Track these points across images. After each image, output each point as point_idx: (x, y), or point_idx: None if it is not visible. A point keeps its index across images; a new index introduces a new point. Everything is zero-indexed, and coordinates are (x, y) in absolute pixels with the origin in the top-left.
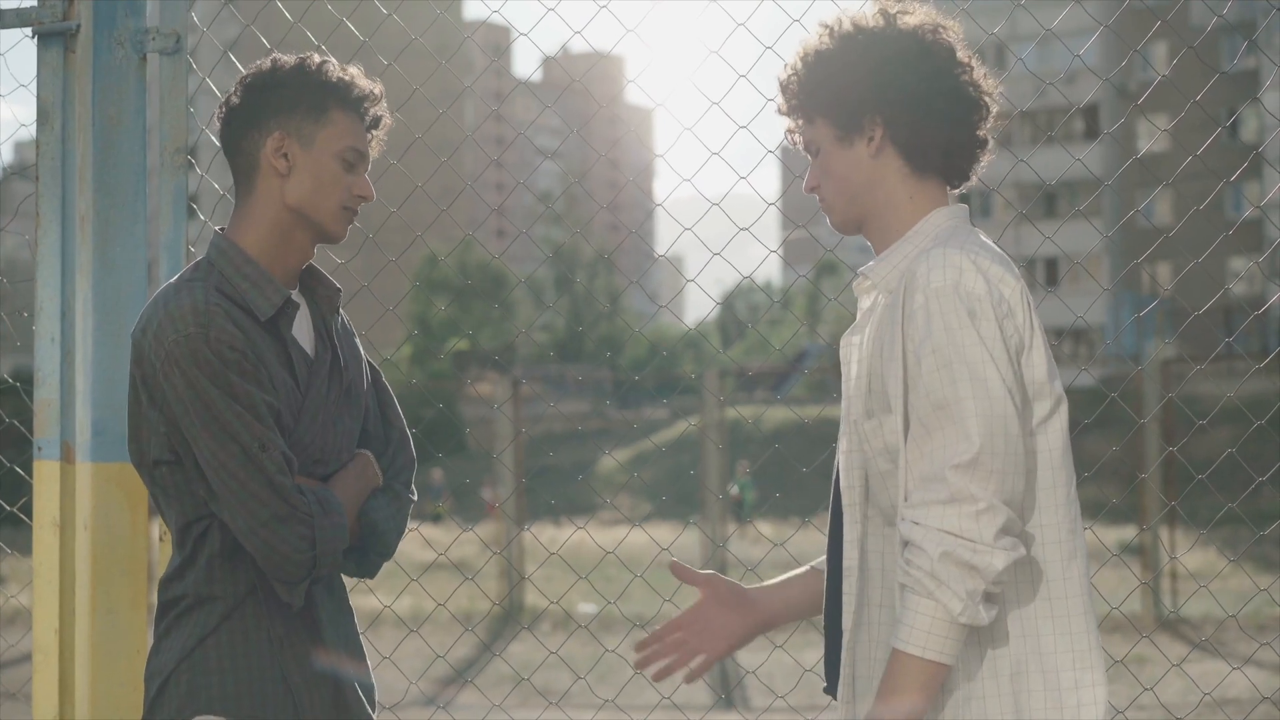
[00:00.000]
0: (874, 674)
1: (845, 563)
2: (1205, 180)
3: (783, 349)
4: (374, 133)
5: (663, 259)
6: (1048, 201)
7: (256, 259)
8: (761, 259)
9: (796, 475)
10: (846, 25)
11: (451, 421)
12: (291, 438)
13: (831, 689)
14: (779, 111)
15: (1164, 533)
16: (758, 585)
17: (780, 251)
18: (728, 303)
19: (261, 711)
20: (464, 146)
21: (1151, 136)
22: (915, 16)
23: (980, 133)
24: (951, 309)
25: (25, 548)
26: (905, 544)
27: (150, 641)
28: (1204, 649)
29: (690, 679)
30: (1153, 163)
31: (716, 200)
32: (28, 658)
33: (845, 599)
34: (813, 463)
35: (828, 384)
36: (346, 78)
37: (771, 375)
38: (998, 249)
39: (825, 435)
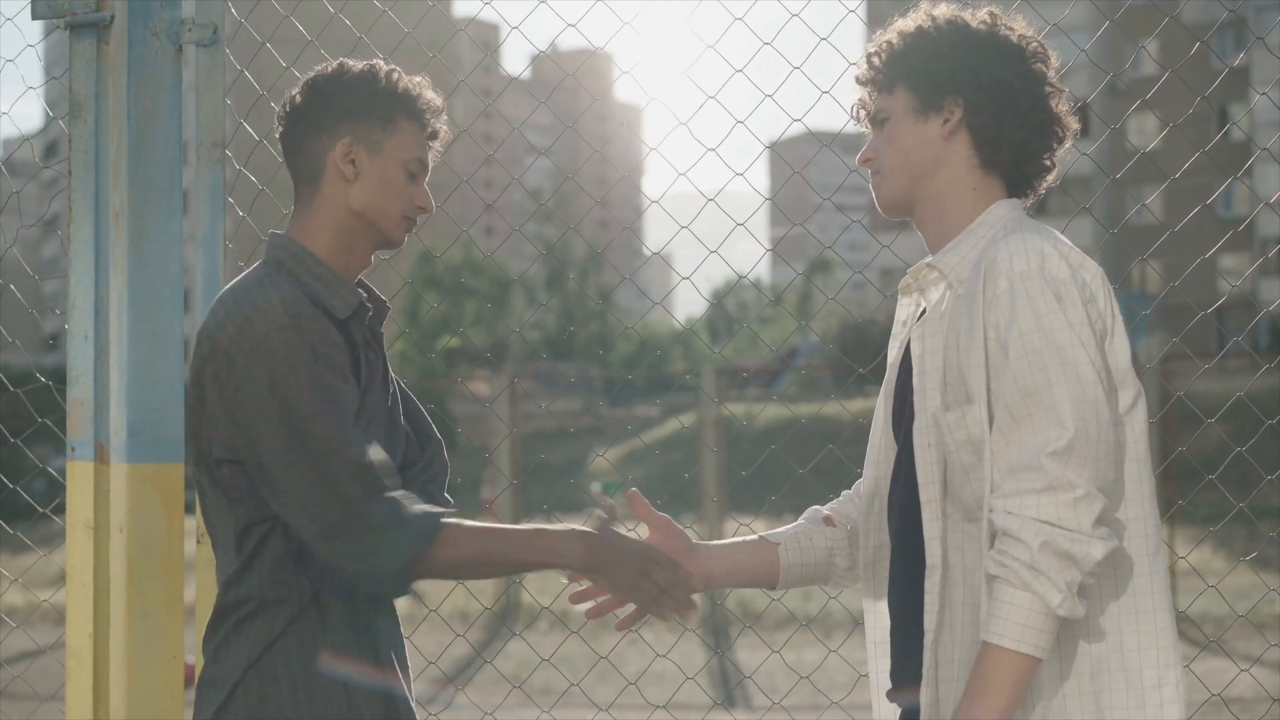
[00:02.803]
0: (957, 675)
1: (929, 561)
2: (1196, 177)
3: (776, 346)
4: (433, 144)
5: (655, 256)
6: (1038, 199)
7: (325, 261)
8: (754, 255)
9: (790, 474)
10: (952, 13)
11: (444, 419)
12: None
13: (897, 692)
14: (857, 81)
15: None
16: (706, 543)
17: (772, 248)
18: (718, 300)
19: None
20: (453, 143)
21: (1141, 133)
22: (1020, 29)
23: (1050, 155)
24: (1039, 293)
25: (18, 545)
26: (999, 534)
27: (185, 644)
28: (1201, 645)
29: (621, 626)
30: (1145, 160)
31: (709, 196)
32: (23, 656)
33: (928, 598)
34: (806, 462)
35: (820, 382)
36: (415, 89)
37: (764, 373)
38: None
39: (818, 434)
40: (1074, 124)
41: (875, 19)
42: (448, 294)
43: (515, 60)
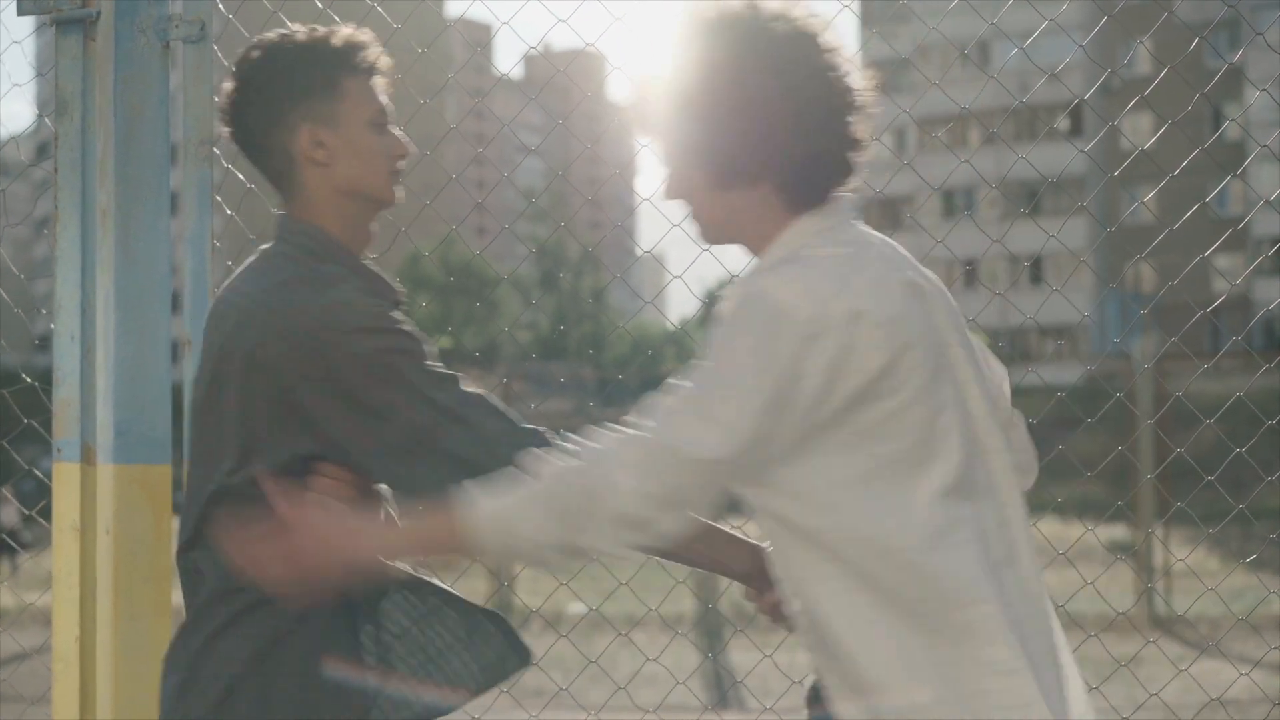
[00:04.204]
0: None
1: None
2: (1189, 176)
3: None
4: (380, 79)
5: (646, 255)
6: (1032, 199)
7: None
8: (747, 255)
9: None
10: (758, 63)
11: None
12: None
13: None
14: (632, 109)
15: (1158, 530)
16: None
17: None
18: (711, 300)
19: None
20: (444, 143)
21: (1135, 133)
22: (827, 36)
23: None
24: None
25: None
26: None
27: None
28: (1199, 647)
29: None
30: (1138, 159)
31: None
32: (13, 658)
33: None
34: None
35: None
36: (342, 40)
37: None
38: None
39: None
40: (868, 135)
41: (869, 16)
42: (439, 294)
43: (507, 59)
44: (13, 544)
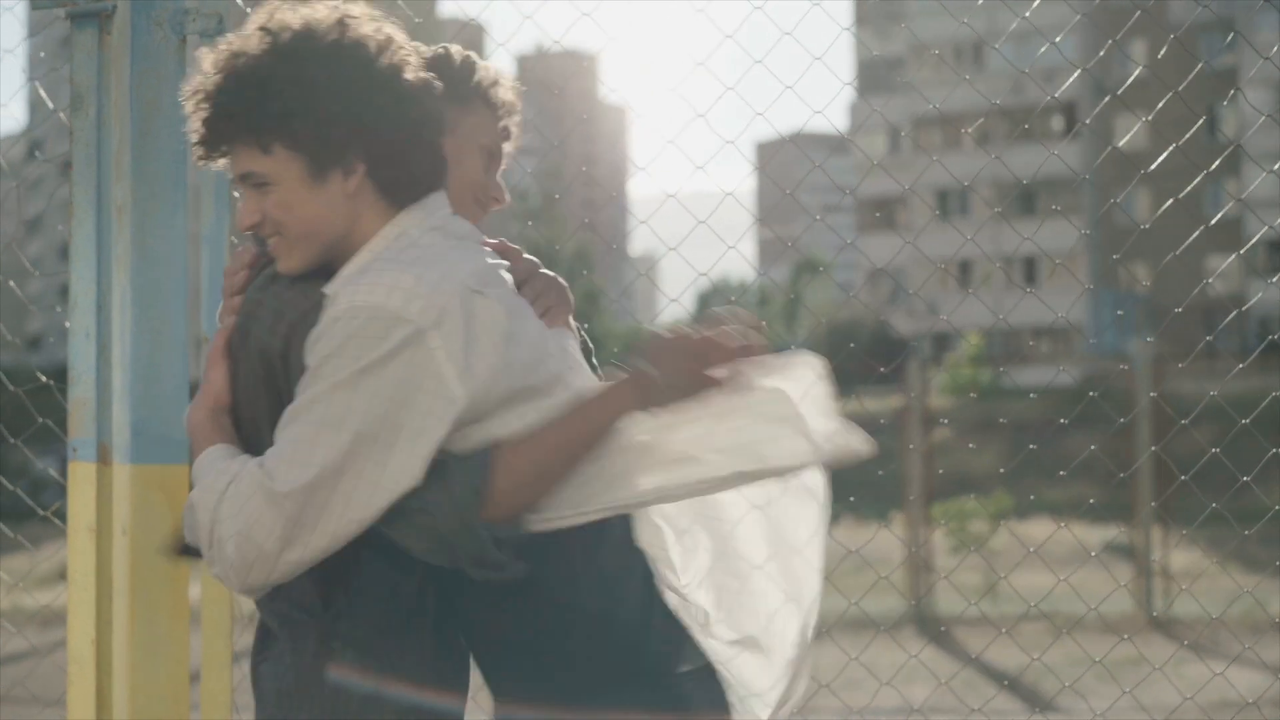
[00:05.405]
0: None
1: None
2: (1185, 177)
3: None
4: None
5: (641, 257)
6: (1026, 199)
7: None
8: (739, 259)
9: None
10: (326, 42)
11: None
12: None
13: None
14: (204, 126)
15: (1155, 531)
16: None
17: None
18: (703, 303)
19: None
20: None
21: (1130, 133)
22: (386, 33)
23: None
24: None
25: (3, 546)
26: None
27: (190, 649)
28: (1195, 648)
29: None
30: (1136, 160)
31: (695, 196)
32: (11, 659)
33: None
34: None
35: None
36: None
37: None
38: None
39: None
40: (436, 112)
41: (863, 16)
42: None
43: (502, 59)
44: (24, 542)
